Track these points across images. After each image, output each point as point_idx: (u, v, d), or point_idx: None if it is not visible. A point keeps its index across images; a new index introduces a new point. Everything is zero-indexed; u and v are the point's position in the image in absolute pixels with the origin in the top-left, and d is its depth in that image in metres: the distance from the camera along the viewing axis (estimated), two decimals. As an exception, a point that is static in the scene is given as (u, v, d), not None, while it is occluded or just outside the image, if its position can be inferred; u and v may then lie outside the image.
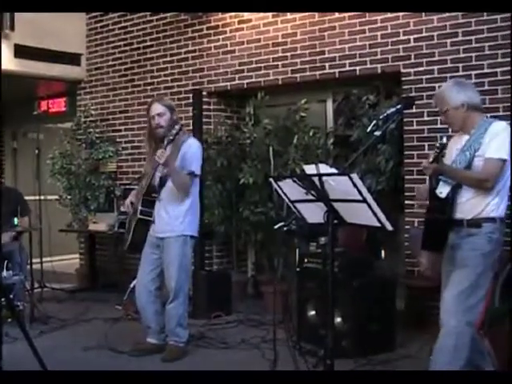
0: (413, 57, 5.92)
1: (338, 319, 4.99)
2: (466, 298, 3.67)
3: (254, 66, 7.01)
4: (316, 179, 3.24)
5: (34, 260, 6.78)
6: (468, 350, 3.69)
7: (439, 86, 5.60)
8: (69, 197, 8.23)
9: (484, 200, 3.73)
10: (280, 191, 3.55)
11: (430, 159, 3.74)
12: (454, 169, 3.77)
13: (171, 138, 4.77)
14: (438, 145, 3.80)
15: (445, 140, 3.83)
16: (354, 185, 3.08)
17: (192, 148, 4.94)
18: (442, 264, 3.92)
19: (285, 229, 3.82)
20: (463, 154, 3.75)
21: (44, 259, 7.40)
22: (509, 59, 5.34)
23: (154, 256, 5.08)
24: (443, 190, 3.76)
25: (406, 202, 5.95)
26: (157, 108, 4.95)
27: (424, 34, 5.85)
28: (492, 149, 3.67)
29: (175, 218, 4.95)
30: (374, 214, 3.14)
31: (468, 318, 3.68)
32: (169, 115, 4.92)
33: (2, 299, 4.72)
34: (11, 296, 5.72)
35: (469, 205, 3.74)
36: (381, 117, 3.81)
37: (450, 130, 4.08)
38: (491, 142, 3.68)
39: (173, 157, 4.82)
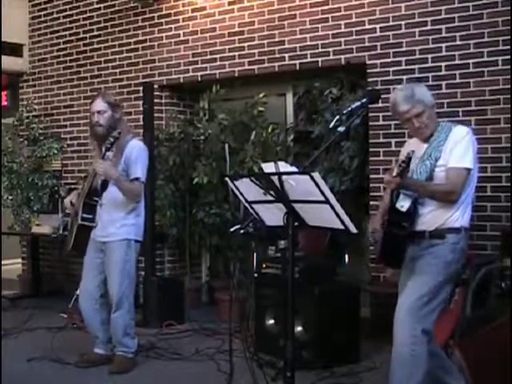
0: (379, 47, 5.83)
1: (299, 328, 4.91)
2: (423, 304, 3.59)
3: (208, 57, 6.89)
4: (275, 178, 3.12)
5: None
6: (426, 358, 3.60)
7: (407, 79, 5.57)
8: (10, 197, 8.04)
9: (447, 211, 3.64)
10: (236, 191, 3.42)
11: (394, 173, 3.63)
12: (420, 182, 3.66)
13: (108, 145, 4.65)
14: (404, 158, 3.66)
15: (412, 153, 3.66)
16: (316, 184, 2.96)
17: (135, 151, 4.83)
18: (400, 275, 3.83)
19: (241, 232, 3.63)
20: (423, 163, 3.67)
21: (-17, 264, 7.28)
22: (481, 50, 5.30)
23: (98, 261, 4.98)
24: (404, 204, 3.66)
25: (372, 202, 5.85)
26: (97, 105, 4.87)
27: (391, 23, 5.77)
28: (455, 158, 3.58)
29: (118, 221, 4.86)
30: (337, 215, 3.03)
31: (423, 326, 3.59)
32: (110, 113, 4.83)
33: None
34: None
35: (431, 216, 3.66)
36: (344, 111, 3.71)
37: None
38: (453, 150, 3.60)
39: (115, 162, 4.76)
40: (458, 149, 3.57)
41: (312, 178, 2.94)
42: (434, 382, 3.68)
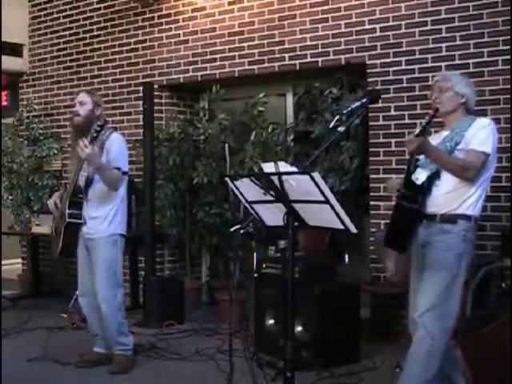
0: (379, 47, 5.80)
1: (299, 328, 4.91)
2: (441, 302, 3.61)
3: (208, 57, 6.86)
4: (275, 178, 3.11)
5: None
6: (441, 357, 3.63)
7: (407, 79, 5.55)
8: (10, 197, 8.05)
9: (462, 195, 3.65)
10: (236, 191, 3.41)
11: (416, 131, 3.62)
12: (439, 149, 3.66)
13: (94, 134, 4.68)
14: (427, 117, 3.70)
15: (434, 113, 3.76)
16: (316, 184, 2.95)
17: (115, 144, 4.88)
18: (411, 263, 3.82)
19: (241, 232, 3.64)
20: (443, 145, 3.69)
21: (-17, 264, 7.24)
22: (481, 50, 5.28)
23: (90, 257, 4.99)
24: (420, 177, 3.67)
25: (372, 202, 5.84)
26: (81, 96, 4.98)
27: (391, 23, 5.73)
28: (475, 142, 3.62)
29: (105, 218, 4.90)
30: (337, 215, 3.01)
31: (443, 324, 3.63)
32: (90, 107, 4.89)
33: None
34: None
35: (445, 198, 3.65)
36: (344, 111, 3.70)
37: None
38: (475, 135, 3.64)
39: (97, 154, 4.80)
40: (480, 134, 3.61)
41: (312, 178, 2.92)
42: (439, 375, 3.67)
